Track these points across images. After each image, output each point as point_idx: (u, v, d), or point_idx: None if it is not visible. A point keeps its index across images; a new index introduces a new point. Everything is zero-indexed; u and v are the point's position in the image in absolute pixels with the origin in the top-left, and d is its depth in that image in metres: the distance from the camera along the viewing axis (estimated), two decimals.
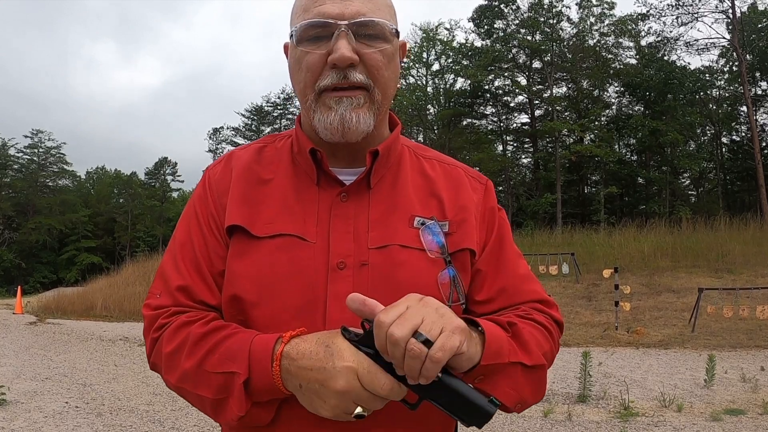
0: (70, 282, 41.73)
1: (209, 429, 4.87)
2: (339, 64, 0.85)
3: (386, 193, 0.95)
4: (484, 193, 1.03)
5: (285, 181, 0.96)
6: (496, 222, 1.02)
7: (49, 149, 53.62)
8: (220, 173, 1.00)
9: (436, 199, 0.97)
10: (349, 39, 0.85)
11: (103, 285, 22.43)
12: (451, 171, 1.03)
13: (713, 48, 30.51)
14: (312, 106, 0.90)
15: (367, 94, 0.89)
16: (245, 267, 0.89)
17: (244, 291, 0.88)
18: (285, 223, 0.91)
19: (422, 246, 0.91)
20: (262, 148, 1.02)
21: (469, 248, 0.94)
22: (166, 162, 58.42)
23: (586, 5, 31.79)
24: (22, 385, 6.48)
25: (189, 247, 0.95)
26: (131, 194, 55.86)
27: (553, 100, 32.04)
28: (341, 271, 0.88)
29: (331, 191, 0.93)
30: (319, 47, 0.87)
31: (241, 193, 0.95)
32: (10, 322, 14.85)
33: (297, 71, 0.91)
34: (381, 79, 0.89)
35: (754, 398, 5.65)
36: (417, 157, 1.04)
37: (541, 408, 5.38)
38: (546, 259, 14.37)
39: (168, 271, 0.94)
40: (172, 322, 0.88)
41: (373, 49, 0.88)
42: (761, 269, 13.95)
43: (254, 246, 0.90)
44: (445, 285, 0.90)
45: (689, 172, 33.34)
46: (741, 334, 9.63)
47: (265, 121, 47.24)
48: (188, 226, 0.97)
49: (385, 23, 0.89)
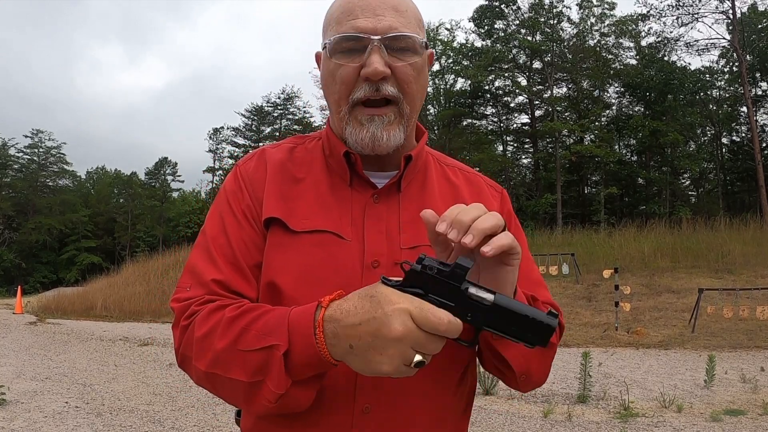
0: (70, 282, 41.75)
1: (209, 429, 4.87)
2: (372, 78, 0.89)
3: (415, 197, 1.00)
4: (500, 201, 1.10)
5: (318, 181, 0.99)
6: (512, 229, 1.05)
7: (49, 149, 53.67)
8: (254, 168, 1.01)
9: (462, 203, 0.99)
10: (381, 53, 0.89)
11: (103, 285, 22.45)
12: (472, 178, 1.10)
13: (713, 48, 30.55)
14: (345, 118, 0.93)
15: (396, 109, 0.93)
16: (283, 259, 0.91)
17: (282, 281, 0.90)
18: (322, 219, 0.94)
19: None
20: (293, 148, 1.05)
21: None
22: (166, 162, 58.43)
23: (586, 5, 31.81)
24: (22, 385, 6.48)
25: (223, 241, 0.93)
26: (131, 194, 55.88)
27: (553, 100, 32.05)
28: (375, 269, 0.91)
29: (364, 193, 0.97)
30: (353, 60, 0.90)
31: (278, 189, 0.97)
32: (10, 322, 14.86)
33: (331, 83, 0.94)
34: (410, 91, 0.93)
35: (754, 399, 5.65)
36: (440, 165, 1.10)
37: (541, 408, 5.38)
38: (546, 260, 14.37)
39: (200, 265, 0.92)
40: (205, 308, 0.85)
41: (403, 63, 0.91)
42: (761, 269, 13.94)
43: (292, 240, 0.92)
44: None
45: (689, 173, 33.35)
46: (741, 335, 9.62)
47: (266, 122, 47.24)
48: (221, 220, 0.96)
49: (415, 37, 0.92)
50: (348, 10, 0.91)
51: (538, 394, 6.05)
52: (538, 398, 5.87)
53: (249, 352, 0.78)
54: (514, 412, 5.34)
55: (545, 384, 6.46)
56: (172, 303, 0.91)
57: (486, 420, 5.08)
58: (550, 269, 13.88)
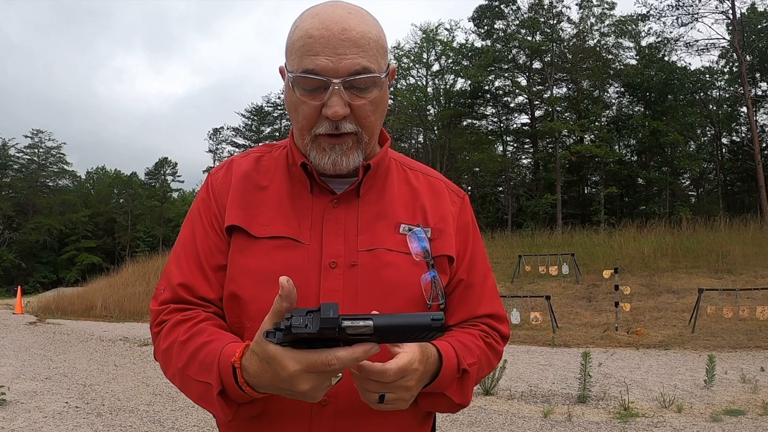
0: (70, 282, 41.74)
1: (209, 429, 4.87)
2: (332, 119, 0.93)
3: (374, 202, 1.05)
4: (461, 207, 1.13)
5: (281, 189, 1.05)
6: (470, 237, 1.12)
7: (49, 149, 53.67)
8: (222, 178, 1.09)
9: (421, 208, 1.08)
10: (341, 95, 0.92)
11: (103, 285, 22.43)
12: (434, 183, 1.14)
13: (713, 49, 30.54)
14: (308, 145, 0.99)
15: (356, 137, 0.97)
16: (245, 263, 0.98)
17: (242, 288, 0.97)
18: (281, 225, 1.00)
19: (407, 250, 1.01)
20: (260, 157, 1.11)
21: (448, 254, 1.05)
22: (166, 162, 58.44)
23: (586, 5, 31.81)
24: (22, 385, 6.48)
25: (191, 246, 1.03)
26: (131, 194, 55.89)
27: (553, 100, 32.04)
28: (333, 270, 0.97)
29: (324, 198, 1.02)
30: (314, 98, 0.94)
31: (240, 197, 1.04)
32: (10, 322, 14.86)
33: (294, 113, 0.99)
34: (368, 124, 0.97)
35: (754, 399, 5.65)
36: (403, 168, 1.14)
37: (541, 408, 5.38)
38: (546, 260, 14.37)
39: (171, 269, 1.03)
40: (170, 320, 0.97)
41: (363, 101, 0.95)
42: (761, 270, 13.94)
43: (253, 245, 0.99)
44: (427, 286, 1.00)
45: (689, 173, 33.36)
46: (741, 335, 9.62)
47: (266, 122, 47.24)
48: (192, 226, 1.06)
49: (375, 76, 0.94)
50: (308, 46, 0.92)
51: (538, 394, 6.05)
52: (538, 398, 5.87)
53: (195, 381, 0.89)
54: (514, 413, 5.34)
55: (545, 384, 6.48)
56: (151, 305, 1.03)
57: (486, 420, 5.08)
58: (550, 269, 13.88)
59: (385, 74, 0.98)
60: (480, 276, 1.12)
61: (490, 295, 1.12)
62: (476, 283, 1.10)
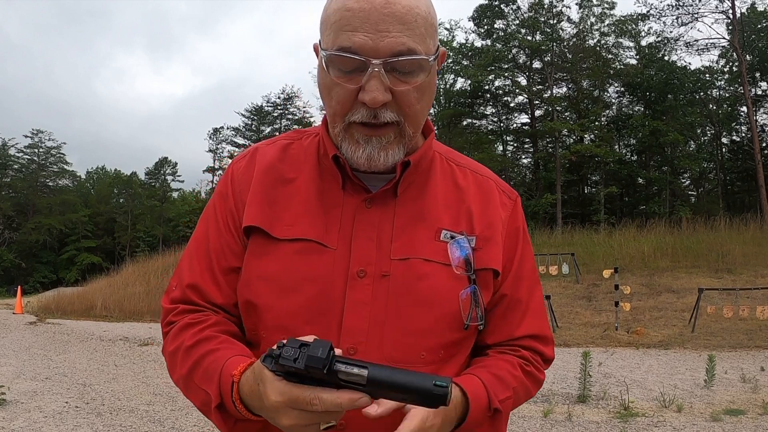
0: (70, 282, 41.73)
1: (209, 429, 4.87)
2: (370, 105, 0.81)
3: (413, 203, 0.92)
4: (512, 210, 1.00)
5: (309, 182, 0.94)
6: (519, 247, 0.99)
7: (49, 149, 53.66)
8: (244, 168, 0.98)
9: (466, 212, 0.95)
10: (381, 78, 0.80)
11: (103, 285, 22.43)
12: (483, 182, 1.00)
13: (713, 48, 30.53)
14: (340, 134, 0.87)
15: (397, 129, 0.85)
16: (262, 267, 0.89)
17: (257, 295, 0.88)
18: (306, 226, 0.89)
19: (447, 261, 0.89)
20: (288, 145, 1.00)
21: (493, 268, 0.93)
22: (166, 162, 58.43)
23: (586, 5, 31.81)
24: (22, 385, 6.48)
25: (204, 246, 0.96)
26: (131, 194, 55.88)
27: (553, 100, 32.04)
28: (361, 279, 0.86)
29: (356, 197, 0.91)
30: (350, 80, 0.82)
31: (262, 192, 0.93)
32: (10, 322, 14.85)
33: (326, 96, 0.86)
34: (412, 115, 0.85)
35: (754, 398, 5.65)
36: (449, 164, 1.00)
37: (541, 408, 5.38)
38: (546, 260, 14.36)
39: (183, 266, 0.97)
40: (178, 322, 0.92)
41: (407, 86, 0.82)
42: (761, 269, 13.94)
43: (273, 247, 0.89)
44: (466, 303, 0.89)
45: (689, 173, 33.35)
46: (741, 335, 9.62)
47: (265, 122, 47.22)
48: (206, 222, 0.98)
49: (422, 58, 0.82)
50: (345, 20, 0.80)
51: (538, 394, 6.04)
52: (538, 398, 5.87)
53: (198, 388, 0.85)
54: (514, 412, 5.34)
55: (545, 383, 6.47)
56: (162, 301, 0.98)
57: None
58: (550, 269, 13.88)
59: (433, 57, 0.85)
60: (526, 291, 0.99)
61: (536, 312, 0.99)
62: (521, 299, 0.98)
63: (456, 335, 0.89)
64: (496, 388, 0.88)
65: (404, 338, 0.86)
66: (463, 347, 0.93)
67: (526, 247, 1.01)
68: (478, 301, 0.90)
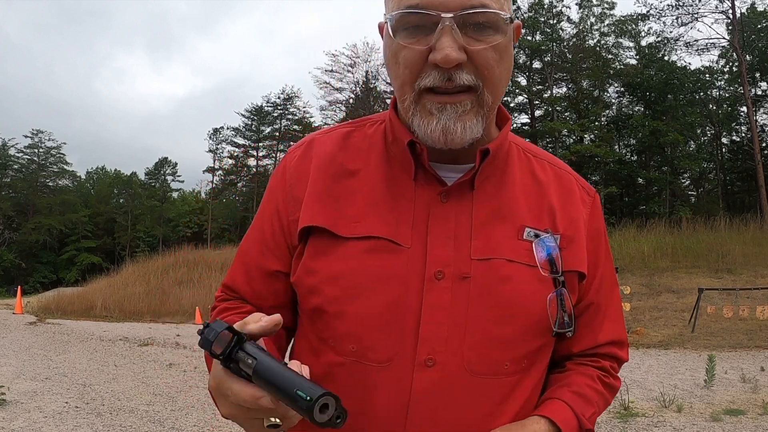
0: (70, 282, 41.76)
1: (209, 429, 4.87)
2: (443, 66, 0.73)
3: (492, 197, 0.84)
4: (591, 208, 0.91)
5: (375, 174, 0.85)
6: (602, 248, 0.91)
7: (49, 149, 53.66)
8: (298, 160, 0.90)
9: (548, 208, 0.86)
10: (454, 35, 0.72)
11: (103, 285, 22.45)
12: (563, 176, 0.92)
13: (713, 48, 30.54)
14: (411, 108, 0.78)
15: (475, 96, 0.76)
16: (328, 269, 0.80)
17: (326, 301, 0.80)
18: (375, 223, 0.81)
19: (532, 261, 0.81)
20: (348, 133, 0.91)
21: (579, 271, 0.85)
22: (166, 162, 58.42)
23: (586, 5, 31.83)
24: (22, 385, 6.48)
25: (245, 246, 0.93)
26: (131, 194, 55.88)
27: (553, 100, 32.06)
28: (439, 281, 0.78)
29: (431, 190, 0.82)
30: (419, 41, 0.74)
31: (323, 188, 0.85)
32: (10, 322, 14.85)
33: (393, 65, 0.78)
34: (491, 78, 0.76)
35: (754, 398, 5.65)
36: (527, 155, 0.92)
37: None
38: None
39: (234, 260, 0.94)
40: (218, 307, 0.91)
41: (483, 45, 0.74)
42: (761, 269, 13.95)
43: (339, 246, 0.81)
44: (553, 308, 0.81)
45: (689, 173, 33.35)
46: (741, 335, 9.62)
47: (265, 122, 47.21)
48: (255, 222, 0.93)
49: (498, 13, 0.74)
50: None
51: None
52: None
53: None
54: None
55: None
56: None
57: None
58: None
59: (509, 18, 0.76)
60: (606, 294, 0.91)
61: (615, 316, 0.93)
62: (602, 303, 0.91)
63: (542, 343, 0.83)
64: (582, 407, 0.83)
65: (487, 347, 0.78)
66: (544, 354, 0.87)
67: (607, 249, 0.93)
68: (565, 305, 0.82)
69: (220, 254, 24.29)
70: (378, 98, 34.78)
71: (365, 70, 35.57)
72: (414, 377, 0.76)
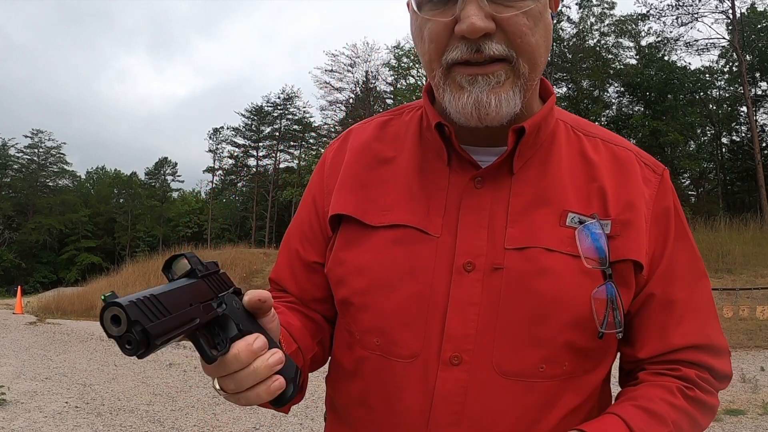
0: (70, 282, 41.74)
1: (209, 429, 4.87)
2: (469, 36, 0.67)
3: (533, 181, 0.76)
4: (658, 187, 0.80)
5: (409, 161, 0.81)
6: (671, 231, 0.79)
7: (49, 149, 53.68)
8: (335, 152, 0.88)
9: (598, 191, 0.77)
10: (480, 2, 0.66)
11: (103, 285, 22.45)
12: (620, 154, 0.81)
13: (713, 48, 30.54)
14: (440, 84, 0.72)
15: (509, 67, 0.69)
16: (354, 260, 0.78)
17: (352, 292, 0.77)
18: (405, 211, 0.77)
19: (576, 251, 0.72)
20: (386, 122, 0.88)
21: (634, 260, 0.74)
22: (166, 162, 58.44)
23: (586, 5, 31.83)
24: (22, 385, 6.48)
25: (287, 239, 0.93)
26: (131, 194, 55.90)
27: None
28: (468, 274, 0.73)
29: (464, 174, 0.77)
30: (443, 13, 0.69)
31: (354, 176, 0.82)
32: (10, 322, 14.85)
33: (419, 41, 0.73)
34: (526, 47, 0.69)
35: (754, 398, 5.65)
36: (576, 134, 0.83)
37: None
38: None
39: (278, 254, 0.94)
40: None
41: (513, 11, 0.67)
42: (761, 269, 13.95)
43: (366, 236, 0.78)
44: (600, 305, 0.71)
45: (689, 173, 33.35)
46: (741, 335, 9.62)
47: (265, 122, 47.22)
48: (297, 212, 0.93)
49: None
50: None
51: None
52: None
53: None
54: None
55: None
56: None
57: None
58: None
59: None
60: (684, 288, 0.78)
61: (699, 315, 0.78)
62: (677, 299, 0.77)
63: (586, 345, 0.73)
64: (645, 425, 0.69)
65: (519, 347, 0.71)
66: (598, 361, 0.76)
67: (681, 232, 0.80)
68: (616, 302, 0.72)
69: (220, 254, 24.30)
70: (378, 98, 34.77)
71: (365, 70, 35.57)
72: (438, 375, 0.72)
